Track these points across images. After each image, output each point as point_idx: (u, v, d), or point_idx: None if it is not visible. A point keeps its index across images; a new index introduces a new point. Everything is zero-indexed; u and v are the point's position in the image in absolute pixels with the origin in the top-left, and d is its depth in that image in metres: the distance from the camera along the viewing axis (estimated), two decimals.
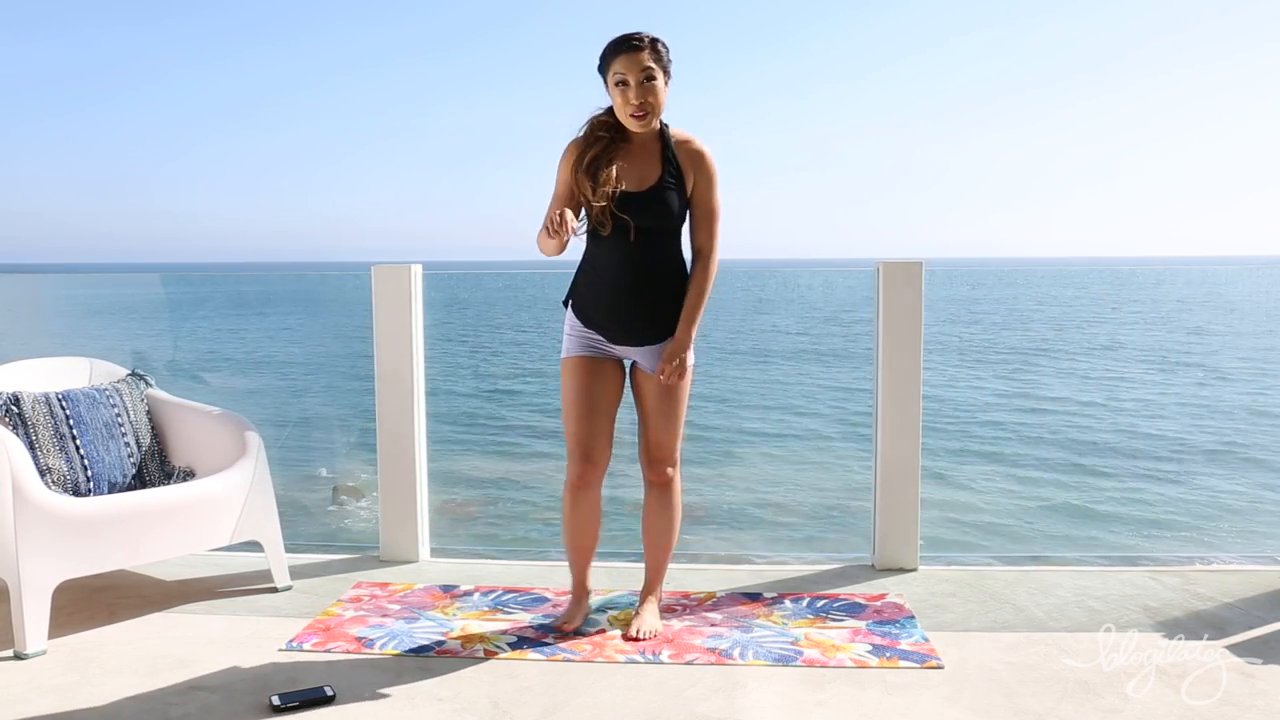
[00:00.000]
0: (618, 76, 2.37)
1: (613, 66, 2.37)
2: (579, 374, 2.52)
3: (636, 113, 2.38)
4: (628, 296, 2.45)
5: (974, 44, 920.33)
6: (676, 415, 2.55)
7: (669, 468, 2.58)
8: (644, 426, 2.58)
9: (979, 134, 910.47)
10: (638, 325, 2.47)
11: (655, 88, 2.38)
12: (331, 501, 4.73)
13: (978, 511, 6.51)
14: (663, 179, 2.44)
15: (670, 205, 2.43)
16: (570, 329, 2.55)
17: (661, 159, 2.46)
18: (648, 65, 2.36)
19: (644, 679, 2.32)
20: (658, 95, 2.39)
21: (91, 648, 2.52)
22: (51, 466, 2.77)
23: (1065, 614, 2.73)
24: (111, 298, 5.89)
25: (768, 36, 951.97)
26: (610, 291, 2.46)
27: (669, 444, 2.56)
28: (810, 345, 7.23)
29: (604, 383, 2.52)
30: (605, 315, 2.48)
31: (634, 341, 2.50)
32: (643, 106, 2.38)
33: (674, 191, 2.44)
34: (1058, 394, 9.74)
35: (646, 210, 2.40)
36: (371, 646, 2.51)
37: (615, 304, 2.46)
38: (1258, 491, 6.81)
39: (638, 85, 2.36)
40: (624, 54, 2.36)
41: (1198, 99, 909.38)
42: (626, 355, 2.55)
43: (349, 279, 4.58)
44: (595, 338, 2.52)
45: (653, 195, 2.42)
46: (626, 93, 2.38)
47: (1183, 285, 9.96)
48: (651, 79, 2.37)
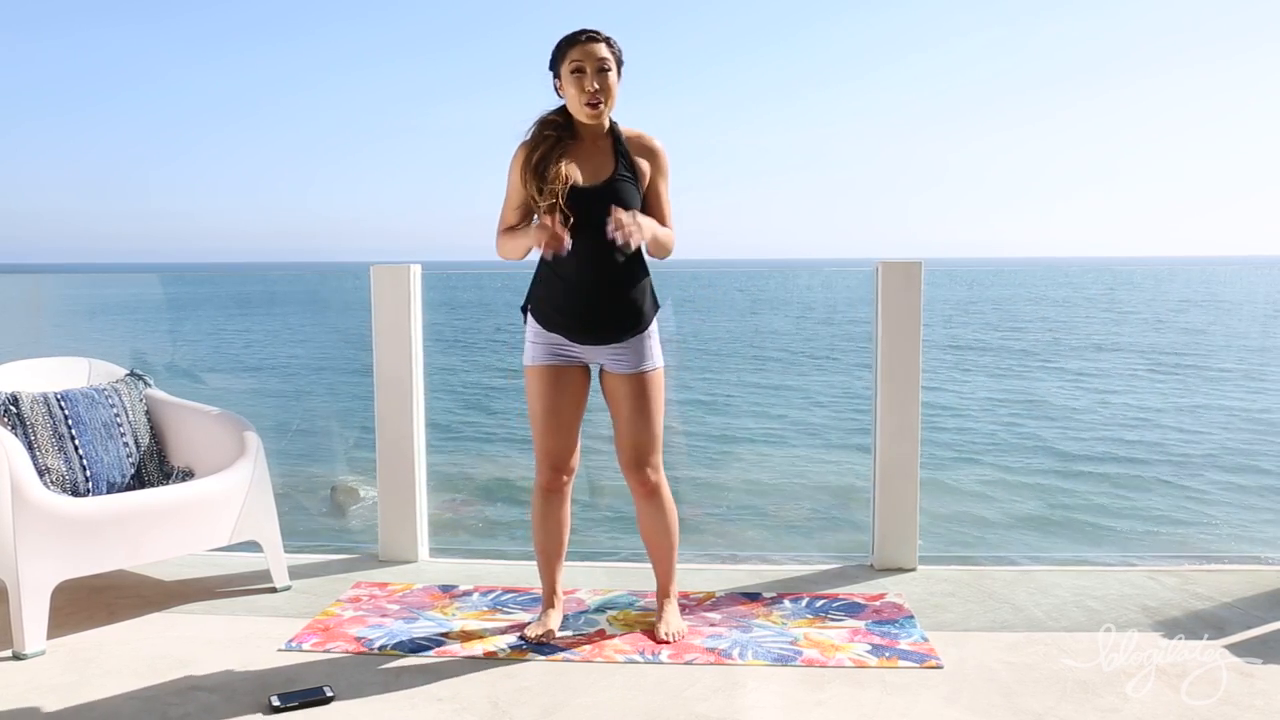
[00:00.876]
0: (575, 64, 2.36)
1: (569, 55, 2.36)
2: (542, 383, 2.49)
3: (591, 100, 2.37)
4: (588, 295, 2.40)
5: (973, 44, 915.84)
6: (650, 417, 2.49)
7: (650, 471, 2.51)
8: (619, 433, 2.51)
9: (978, 134, 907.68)
10: (600, 323, 2.43)
11: (610, 79, 2.39)
12: (330, 501, 4.73)
13: (977, 511, 6.51)
14: (616, 172, 2.41)
15: (625, 198, 2.38)
16: (532, 336, 2.51)
17: (614, 153, 2.44)
18: (604, 56, 2.37)
19: (643, 679, 2.32)
20: (612, 86, 2.39)
21: (90, 648, 2.52)
22: (50, 467, 2.77)
23: (1064, 614, 2.74)
24: (110, 298, 5.89)
25: (765, 37, 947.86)
26: (569, 291, 2.41)
27: (647, 445, 2.49)
28: (809, 345, 7.23)
29: (568, 391, 2.49)
30: (566, 316, 2.44)
31: (597, 340, 2.45)
32: (597, 94, 2.37)
33: (629, 184, 2.41)
34: (1055, 394, 9.75)
35: (602, 204, 2.34)
36: (371, 646, 2.51)
37: (575, 304, 2.42)
38: (1256, 491, 6.82)
39: (594, 73, 2.36)
40: (581, 44, 2.36)
41: (1197, 99, 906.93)
42: (592, 358, 2.51)
43: (348, 279, 4.58)
44: (558, 341, 2.48)
45: (607, 189, 2.38)
46: (582, 80, 2.36)
47: (1181, 285, 9.95)
48: (607, 70, 2.38)
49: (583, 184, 2.38)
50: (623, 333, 2.45)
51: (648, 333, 2.49)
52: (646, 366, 2.48)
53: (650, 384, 2.49)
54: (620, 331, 2.44)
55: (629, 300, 2.43)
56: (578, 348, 2.48)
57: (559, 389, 2.49)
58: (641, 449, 2.50)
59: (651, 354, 2.49)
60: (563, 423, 2.50)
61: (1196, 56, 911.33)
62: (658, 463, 2.52)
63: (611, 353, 2.47)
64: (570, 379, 2.50)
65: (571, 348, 2.48)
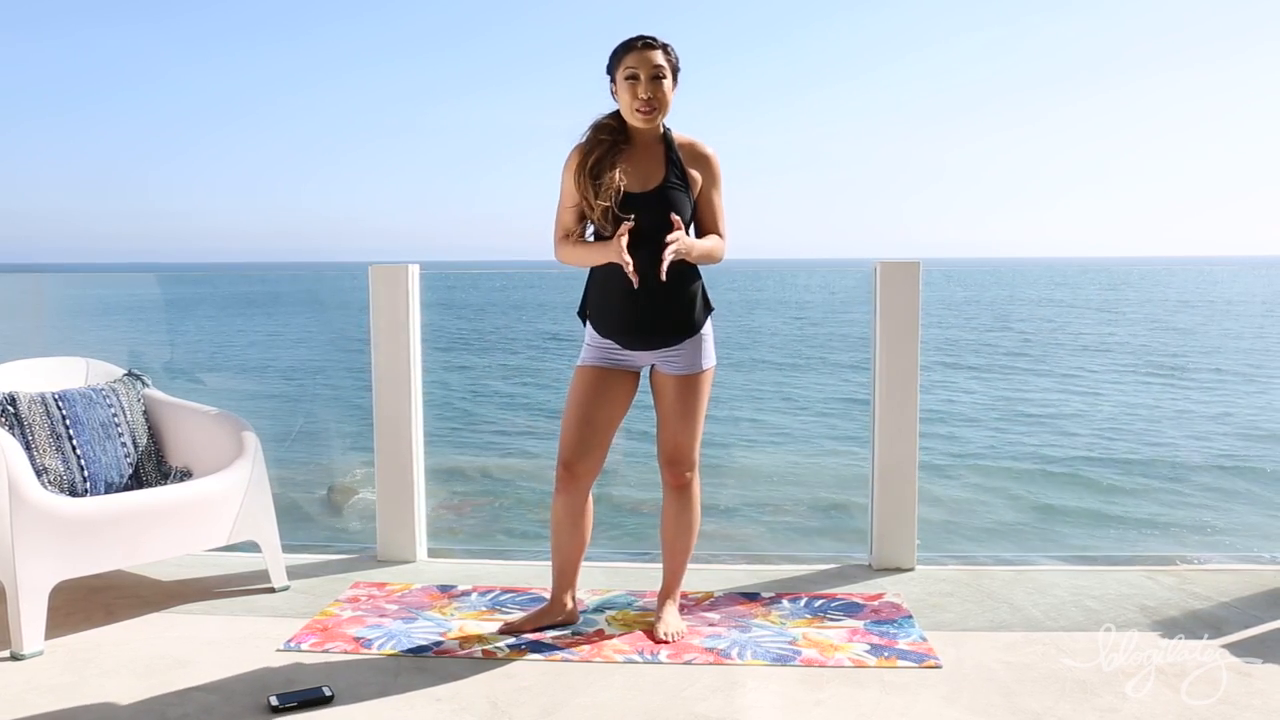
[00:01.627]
0: (629, 71, 2.39)
1: (625, 61, 2.40)
2: (584, 385, 2.51)
3: (644, 108, 2.40)
4: (640, 302, 2.42)
5: (969, 45, 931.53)
6: (695, 417, 2.54)
7: (687, 470, 2.57)
8: (662, 428, 2.57)
9: (974, 135, 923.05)
10: (653, 329, 2.46)
11: (664, 86, 2.41)
12: (327, 501, 4.72)
13: (973, 513, 6.52)
14: (667, 179, 2.44)
15: (676, 205, 2.42)
16: (589, 340, 2.55)
17: (665, 160, 2.47)
18: (659, 64, 2.39)
19: (642, 679, 2.32)
20: (666, 94, 2.42)
21: (89, 648, 2.52)
22: (48, 467, 2.77)
23: (1062, 613, 2.74)
24: (107, 298, 5.88)
25: (761, 38, 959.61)
26: (622, 299, 2.43)
27: (687, 445, 2.55)
28: (807, 345, 7.23)
29: (607, 396, 2.51)
30: (619, 323, 2.47)
31: (650, 346, 2.49)
32: (651, 102, 2.40)
33: (679, 192, 2.45)
34: (1049, 394, 9.75)
35: (652, 210, 2.39)
36: (369, 647, 2.51)
37: (628, 311, 2.44)
38: (1251, 491, 6.82)
39: (648, 81, 2.39)
40: (638, 51, 2.39)
41: (1192, 100, 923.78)
42: (645, 361, 2.53)
43: (346, 278, 4.58)
44: (611, 346, 2.51)
45: (658, 195, 2.42)
46: (636, 87, 2.39)
47: (1179, 285, 9.97)
48: (661, 78, 2.40)
49: (633, 190, 2.41)
50: (676, 337, 2.48)
51: (702, 334, 2.52)
52: (699, 367, 2.52)
53: (700, 384, 2.53)
54: (673, 336, 2.48)
55: (681, 305, 2.46)
56: (630, 352, 2.50)
57: (598, 391, 2.50)
58: (684, 446, 2.55)
59: (705, 354, 2.53)
60: (591, 422, 2.50)
61: (1192, 57, 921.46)
62: (695, 460, 2.58)
63: (666, 354, 2.50)
64: (615, 384, 2.52)
65: (624, 352, 2.51)
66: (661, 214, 2.39)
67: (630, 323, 2.45)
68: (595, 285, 2.51)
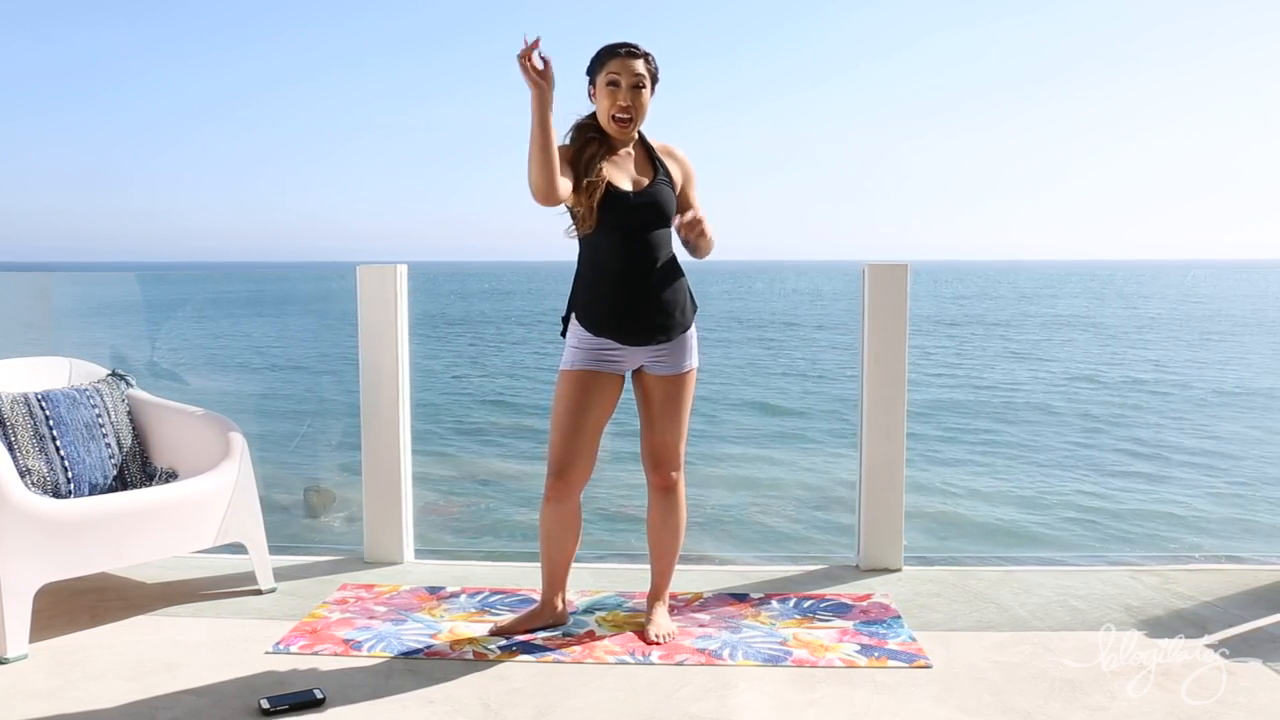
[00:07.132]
0: (611, 77, 2.40)
1: (607, 67, 2.40)
2: (575, 388, 2.49)
3: (621, 114, 2.41)
4: (637, 295, 2.44)
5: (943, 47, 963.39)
6: (680, 417, 2.56)
7: (673, 471, 2.58)
8: (647, 430, 2.57)
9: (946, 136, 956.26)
10: (649, 323, 2.46)
11: (644, 95, 2.43)
12: (303, 504, 4.68)
13: (961, 512, 6.56)
14: (658, 177, 2.49)
15: (670, 200, 2.48)
16: (577, 342, 2.50)
17: (650, 161, 2.51)
18: (640, 73, 2.41)
19: (635, 680, 2.32)
20: (644, 103, 2.44)
21: (75, 651, 2.49)
22: (31, 468, 2.74)
23: (1049, 613, 2.76)
24: (91, 296, 5.82)
25: (739, 39, 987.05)
26: (617, 293, 2.44)
27: (673, 446, 2.56)
28: (794, 346, 7.26)
29: (597, 400, 2.50)
30: (615, 317, 2.46)
31: (645, 340, 2.48)
32: (629, 109, 2.41)
33: (669, 189, 2.50)
34: (1031, 394, 9.82)
35: (648, 207, 2.44)
36: (360, 649, 2.50)
37: (623, 304, 2.45)
38: (1233, 490, 6.90)
39: (629, 89, 2.40)
40: (621, 58, 2.40)
41: (1165, 101, 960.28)
42: (634, 362, 2.52)
43: (334, 279, 4.55)
44: (605, 345, 2.48)
45: (652, 192, 2.45)
46: (616, 94, 2.40)
47: (1161, 286, 10.07)
48: (641, 86, 2.42)
49: (624, 189, 2.44)
50: (670, 332, 2.49)
51: (688, 334, 2.54)
52: (685, 366, 2.54)
53: (686, 384, 2.55)
54: (666, 331, 2.49)
55: (674, 300, 2.49)
56: (623, 351, 2.49)
57: (588, 395, 2.49)
58: (670, 447, 2.56)
59: (691, 353, 2.55)
60: (581, 428, 2.48)
61: (1164, 59, 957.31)
62: (681, 461, 2.59)
63: (654, 354, 2.51)
64: (603, 388, 2.51)
65: (616, 352, 2.49)
66: (660, 209, 2.45)
67: (626, 315, 2.45)
68: (583, 283, 2.51)
